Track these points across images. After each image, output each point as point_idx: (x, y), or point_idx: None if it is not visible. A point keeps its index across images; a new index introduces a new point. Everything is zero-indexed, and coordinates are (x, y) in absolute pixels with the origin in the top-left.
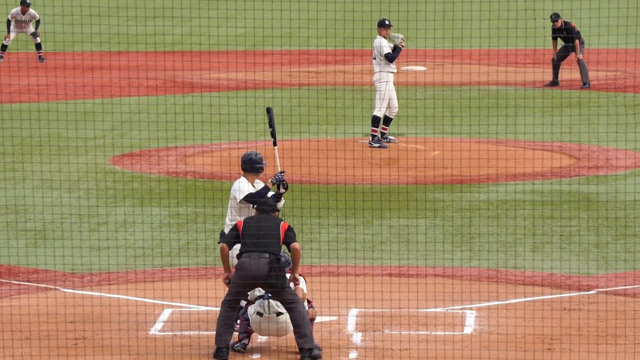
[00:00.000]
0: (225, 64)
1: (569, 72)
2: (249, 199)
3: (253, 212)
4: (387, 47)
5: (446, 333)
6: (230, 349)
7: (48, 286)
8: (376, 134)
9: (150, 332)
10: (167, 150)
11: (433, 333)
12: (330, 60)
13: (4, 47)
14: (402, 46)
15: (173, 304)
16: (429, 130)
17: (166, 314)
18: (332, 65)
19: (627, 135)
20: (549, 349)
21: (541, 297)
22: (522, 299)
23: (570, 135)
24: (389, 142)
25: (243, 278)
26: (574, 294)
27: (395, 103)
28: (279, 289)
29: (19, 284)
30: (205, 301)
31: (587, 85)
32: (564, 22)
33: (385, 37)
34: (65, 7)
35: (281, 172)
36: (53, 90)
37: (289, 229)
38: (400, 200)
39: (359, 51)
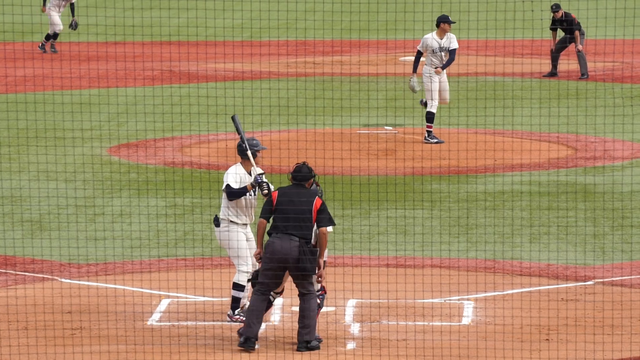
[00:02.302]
0: (223, 55)
1: (567, 63)
2: (229, 196)
3: (244, 199)
4: (455, 42)
5: (444, 324)
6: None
7: (46, 276)
8: (431, 129)
9: (148, 323)
10: (164, 140)
11: (431, 324)
12: (328, 51)
13: (55, 35)
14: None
15: (171, 294)
16: None
17: (164, 304)
18: (329, 56)
19: (625, 127)
20: (547, 339)
21: (539, 288)
22: (520, 290)
23: (568, 126)
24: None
25: (271, 259)
26: (571, 284)
27: (445, 94)
28: (309, 273)
29: (17, 274)
30: (203, 292)
31: (585, 76)
32: (565, 13)
33: (446, 32)
34: None
35: (260, 174)
36: (50, 81)
37: (321, 210)
38: (398, 192)
39: (356, 42)
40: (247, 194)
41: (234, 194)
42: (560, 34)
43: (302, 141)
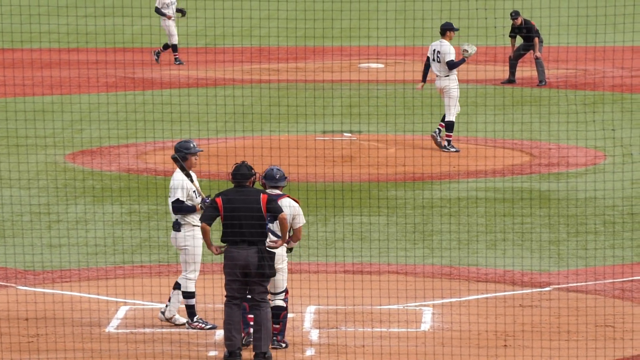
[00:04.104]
0: (184, 62)
1: (526, 70)
2: (175, 206)
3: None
4: (452, 54)
5: (403, 330)
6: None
7: (3, 283)
8: (451, 138)
9: (107, 330)
10: (122, 147)
11: (390, 330)
12: (286, 57)
13: (174, 46)
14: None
15: (129, 301)
16: (388, 128)
17: (122, 311)
18: (287, 63)
19: (583, 134)
20: (505, 345)
21: (497, 294)
22: (478, 296)
23: (524, 133)
24: (441, 142)
25: (233, 267)
26: (529, 290)
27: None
28: (268, 278)
29: None
30: (161, 298)
31: (543, 83)
32: (524, 20)
33: (449, 40)
34: (23, 4)
35: (207, 196)
36: (6, 88)
37: (269, 202)
38: (357, 198)
39: (314, 48)
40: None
41: (180, 210)
42: (519, 41)
43: (260, 148)
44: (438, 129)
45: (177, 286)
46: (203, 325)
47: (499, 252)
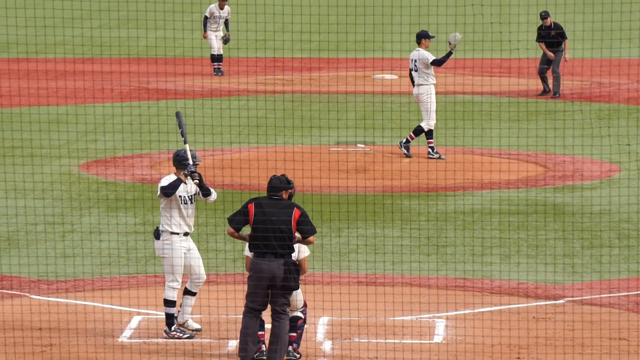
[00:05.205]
0: (197, 71)
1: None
2: (163, 191)
3: (179, 204)
4: (431, 56)
5: (415, 342)
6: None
7: (17, 293)
8: (433, 144)
9: (119, 340)
10: (137, 157)
11: (402, 342)
12: (302, 68)
13: (219, 57)
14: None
15: (142, 311)
16: (402, 140)
17: (135, 321)
18: (301, 74)
19: (598, 147)
20: (518, 358)
21: (510, 307)
22: (491, 308)
23: (538, 145)
24: (407, 153)
25: (258, 280)
26: (542, 303)
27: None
28: (291, 291)
29: None
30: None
31: (557, 95)
32: (553, 22)
33: (425, 49)
34: (38, 15)
35: (193, 159)
36: (20, 98)
37: (300, 221)
38: (370, 210)
39: (328, 60)
40: (183, 198)
41: (167, 188)
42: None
43: (274, 160)
44: (407, 139)
45: (187, 291)
46: (181, 335)
47: (513, 265)
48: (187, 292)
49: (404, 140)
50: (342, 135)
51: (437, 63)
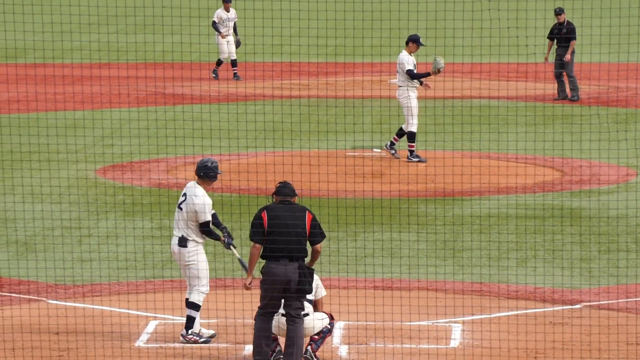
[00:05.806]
0: (209, 78)
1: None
2: (206, 230)
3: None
4: (409, 64)
5: (432, 346)
6: None
7: (34, 297)
8: (413, 148)
9: (136, 344)
10: (153, 162)
11: (419, 346)
12: (318, 73)
13: (234, 62)
14: (435, 73)
15: (158, 315)
16: (417, 144)
17: (152, 325)
18: (317, 78)
19: (614, 152)
20: None
21: (527, 311)
22: (508, 313)
23: (555, 150)
24: (394, 153)
25: (274, 283)
26: (559, 308)
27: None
28: (305, 294)
29: (4, 296)
30: None
31: (576, 99)
32: (567, 20)
33: (411, 53)
34: (55, 21)
35: (225, 227)
36: (37, 103)
37: (313, 225)
38: (386, 215)
39: (344, 64)
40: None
41: (209, 235)
42: (553, 52)
43: (290, 164)
44: (391, 141)
45: (189, 304)
46: (197, 339)
47: (529, 269)
48: (189, 304)
49: (409, 154)
50: (358, 140)
51: (410, 74)
